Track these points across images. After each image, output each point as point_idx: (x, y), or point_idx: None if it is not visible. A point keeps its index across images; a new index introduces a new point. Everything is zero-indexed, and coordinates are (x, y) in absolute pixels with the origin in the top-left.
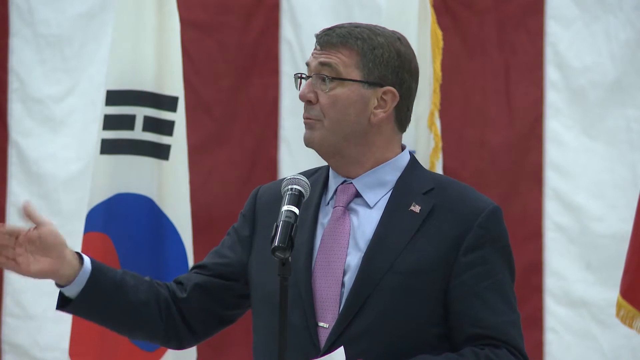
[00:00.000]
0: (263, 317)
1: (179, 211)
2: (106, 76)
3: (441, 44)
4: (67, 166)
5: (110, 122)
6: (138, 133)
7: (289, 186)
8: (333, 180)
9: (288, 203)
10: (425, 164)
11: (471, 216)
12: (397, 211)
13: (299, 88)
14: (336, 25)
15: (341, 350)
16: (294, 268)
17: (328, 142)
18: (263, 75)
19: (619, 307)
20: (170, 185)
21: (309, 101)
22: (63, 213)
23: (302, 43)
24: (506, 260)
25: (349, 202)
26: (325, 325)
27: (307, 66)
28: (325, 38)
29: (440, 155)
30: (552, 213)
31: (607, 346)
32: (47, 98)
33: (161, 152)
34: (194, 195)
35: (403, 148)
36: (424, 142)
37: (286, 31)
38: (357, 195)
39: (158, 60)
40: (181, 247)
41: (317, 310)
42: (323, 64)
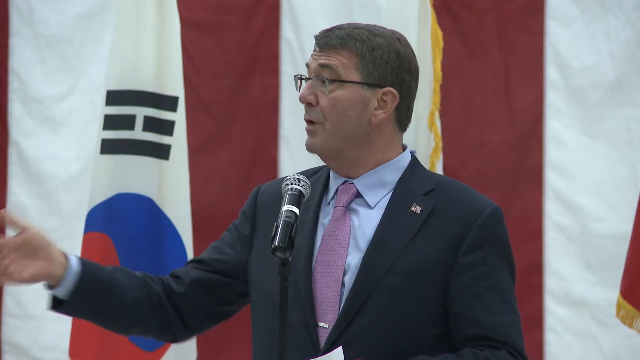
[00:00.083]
0: (263, 317)
1: (179, 211)
2: (106, 76)
3: (441, 44)
4: (67, 166)
5: (110, 122)
6: (138, 133)
7: (289, 186)
8: (334, 180)
9: (288, 203)
10: (425, 164)
11: (471, 217)
12: (398, 212)
13: (299, 89)
14: (335, 26)
15: (339, 350)
16: (294, 268)
17: (330, 146)
18: (263, 75)
19: (619, 307)
20: (170, 185)
21: (309, 103)
22: (63, 213)
23: (303, 43)
24: (506, 261)
25: (350, 202)
26: (325, 325)
27: (307, 67)
28: (324, 40)
29: (440, 155)
30: (552, 213)
31: (607, 346)
32: (47, 98)
33: (161, 152)
34: (194, 195)
35: (404, 148)
36: (424, 142)
37: (286, 31)
38: (358, 195)
39: (158, 60)
40: (181, 247)
41: (317, 310)
42: (323, 66)
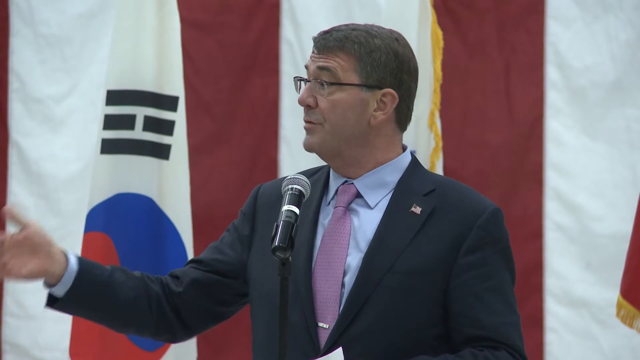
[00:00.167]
0: (263, 317)
1: (179, 211)
2: (106, 76)
3: (441, 44)
4: (67, 166)
5: (110, 122)
6: (138, 133)
7: (290, 186)
8: (334, 180)
9: (288, 203)
10: (425, 164)
11: (471, 217)
12: (398, 212)
13: (299, 91)
14: (333, 27)
15: (339, 351)
16: (294, 268)
17: (328, 145)
18: (263, 75)
19: (619, 307)
20: (170, 185)
21: (309, 105)
22: (63, 213)
23: (303, 43)
24: (506, 261)
25: (350, 203)
26: (325, 325)
27: (306, 69)
28: (322, 42)
29: (440, 155)
30: (552, 213)
31: (608, 346)
32: (47, 98)
33: (161, 152)
34: (194, 195)
35: (404, 148)
36: (424, 142)
37: (286, 31)
38: (358, 195)
39: (158, 60)
40: (181, 247)
41: (317, 310)
42: (321, 68)
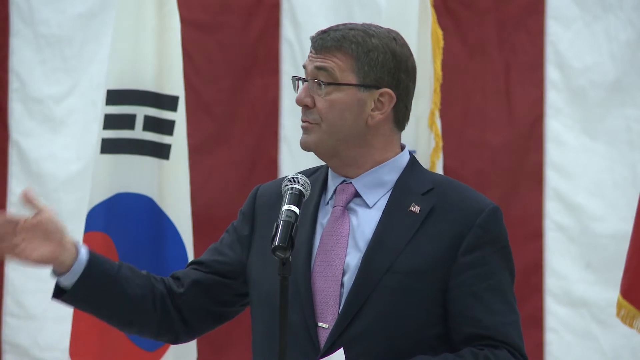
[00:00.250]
0: (262, 317)
1: (179, 211)
2: (106, 76)
3: (441, 44)
4: (67, 166)
5: (110, 122)
6: (138, 132)
7: (290, 185)
8: (332, 180)
9: (288, 202)
10: (425, 164)
11: (471, 216)
12: (397, 211)
13: (297, 91)
14: (331, 27)
15: (341, 351)
16: (293, 268)
17: (325, 145)
18: (263, 75)
19: (620, 307)
20: (170, 185)
21: (306, 105)
22: (63, 213)
23: (303, 43)
24: (506, 260)
25: (348, 202)
26: (324, 325)
27: (304, 69)
28: (320, 42)
29: (440, 155)
30: (553, 213)
31: (608, 346)
32: (48, 98)
33: (162, 152)
34: (194, 195)
35: (403, 147)
36: (425, 142)
37: (287, 31)
38: (357, 195)
39: (158, 59)
40: (181, 247)
41: (317, 310)
42: (319, 68)
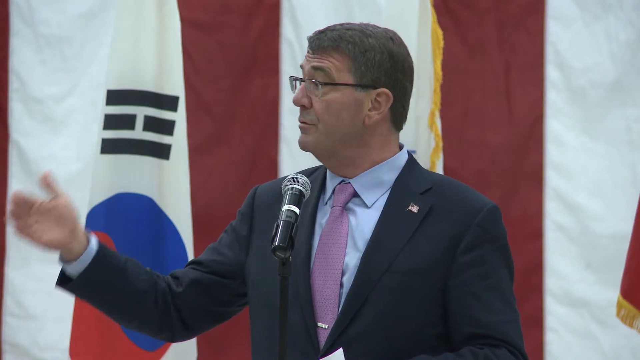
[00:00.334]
0: (262, 318)
1: (179, 211)
2: (106, 76)
3: (441, 44)
4: (67, 166)
5: (110, 122)
6: (139, 133)
7: (290, 185)
8: (330, 180)
9: (289, 203)
10: (425, 164)
11: (469, 215)
12: (395, 211)
13: (295, 91)
14: (327, 27)
15: (340, 351)
16: (292, 268)
17: (323, 145)
18: (263, 75)
19: (620, 307)
20: (170, 185)
21: (303, 106)
22: None
23: (303, 43)
24: (505, 259)
25: (347, 202)
26: (324, 325)
27: (301, 69)
28: (316, 42)
29: (440, 155)
30: (553, 213)
31: (608, 346)
32: (48, 98)
33: (162, 152)
34: (194, 195)
35: (401, 147)
36: (425, 142)
37: (287, 31)
38: (355, 195)
39: (158, 59)
40: (181, 247)
41: (316, 310)
42: (316, 69)
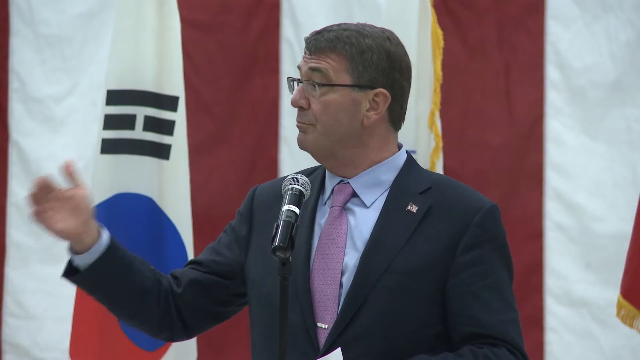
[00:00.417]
0: (262, 318)
1: (179, 211)
2: (106, 76)
3: (441, 44)
4: None
5: (110, 122)
6: (139, 133)
7: (290, 186)
8: (329, 180)
9: (289, 203)
10: (425, 164)
11: (468, 215)
12: (394, 211)
13: (292, 92)
14: (325, 28)
15: (338, 351)
16: (292, 268)
17: (321, 146)
18: (263, 75)
19: (620, 307)
20: (170, 185)
21: (301, 107)
22: None
23: (303, 43)
24: (504, 259)
25: (346, 202)
26: (324, 325)
27: (299, 70)
28: (313, 43)
29: (440, 155)
30: (553, 213)
31: (608, 346)
32: (47, 98)
33: (162, 152)
34: (194, 195)
35: (400, 147)
36: (425, 142)
37: (287, 31)
38: (354, 195)
39: (158, 59)
40: (181, 247)
41: (316, 310)
42: (313, 70)
